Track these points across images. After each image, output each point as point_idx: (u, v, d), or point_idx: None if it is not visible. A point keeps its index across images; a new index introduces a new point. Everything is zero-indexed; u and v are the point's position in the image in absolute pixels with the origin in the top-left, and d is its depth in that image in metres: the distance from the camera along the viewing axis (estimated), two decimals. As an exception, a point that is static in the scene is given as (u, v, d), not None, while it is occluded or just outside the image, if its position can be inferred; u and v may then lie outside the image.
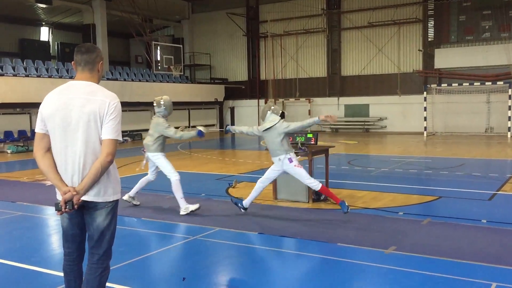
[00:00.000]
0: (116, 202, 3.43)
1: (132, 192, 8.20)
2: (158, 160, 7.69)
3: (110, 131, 3.25)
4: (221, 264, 5.33)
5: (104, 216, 3.35)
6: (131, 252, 5.70)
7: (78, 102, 3.25)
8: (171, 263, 5.31)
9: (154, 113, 7.87)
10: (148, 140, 7.74)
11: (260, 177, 7.31)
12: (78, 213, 3.36)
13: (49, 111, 3.30)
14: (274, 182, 8.52)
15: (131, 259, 5.37)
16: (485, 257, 5.23)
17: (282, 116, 7.38)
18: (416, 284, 4.61)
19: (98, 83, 3.42)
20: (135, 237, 6.51)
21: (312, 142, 8.52)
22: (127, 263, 5.22)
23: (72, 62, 3.47)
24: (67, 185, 3.25)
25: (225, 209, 7.93)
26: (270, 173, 7.19)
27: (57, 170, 3.31)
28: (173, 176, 7.58)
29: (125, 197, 8.16)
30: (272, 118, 7.02)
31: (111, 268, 3.50)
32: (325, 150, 8.79)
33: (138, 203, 8.30)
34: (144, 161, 8.03)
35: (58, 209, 3.19)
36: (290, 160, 6.88)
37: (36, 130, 3.42)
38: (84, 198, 3.27)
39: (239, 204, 7.35)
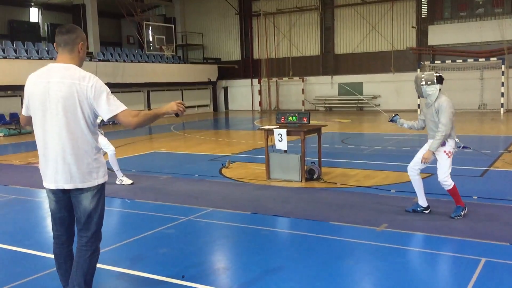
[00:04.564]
0: (102, 185, 3.40)
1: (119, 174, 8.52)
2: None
3: (109, 109, 3.19)
4: (215, 244, 5.36)
5: (90, 199, 3.33)
6: (123, 233, 5.71)
7: (55, 87, 3.20)
8: (164, 244, 5.33)
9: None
10: None
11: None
12: (65, 196, 3.35)
13: (29, 95, 3.28)
14: (267, 162, 8.52)
15: (123, 240, 5.38)
16: (475, 233, 5.28)
17: (440, 80, 5.83)
18: (406, 260, 4.68)
19: (80, 65, 3.35)
20: (128, 219, 6.52)
21: (304, 121, 8.50)
22: (119, 245, 5.23)
23: (54, 44, 3.42)
24: None
25: (218, 189, 7.94)
26: (418, 154, 6.08)
27: None
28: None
29: (117, 181, 8.45)
30: (430, 91, 5.82)
31: (102, 250, 3.51)
32: (317, 129, 8.78)
33: (130, 181, 8.49)
34: None
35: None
36: (444, 144, 5.81)
37: (22, 112, 3.41)
38: (70, 187, 3.27)
39: (418, 209, 6.17)
